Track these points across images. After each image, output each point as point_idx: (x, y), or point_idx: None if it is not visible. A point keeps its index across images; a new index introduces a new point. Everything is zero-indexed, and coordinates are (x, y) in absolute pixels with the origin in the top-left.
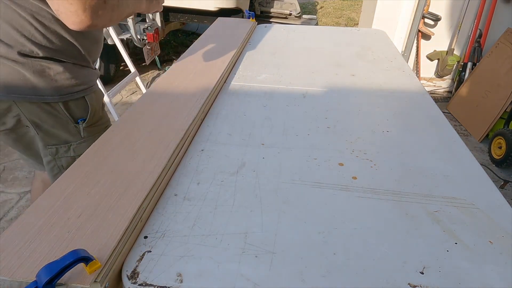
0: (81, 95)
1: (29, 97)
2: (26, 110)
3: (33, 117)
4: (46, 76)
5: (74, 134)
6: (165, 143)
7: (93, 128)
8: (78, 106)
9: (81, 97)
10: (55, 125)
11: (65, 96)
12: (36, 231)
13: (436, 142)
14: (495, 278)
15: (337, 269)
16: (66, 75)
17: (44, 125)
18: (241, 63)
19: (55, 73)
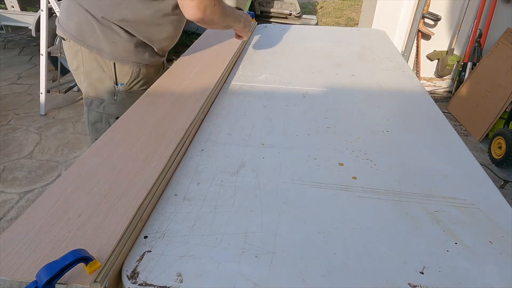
0: (129, 64)
1: (91, 47)
2: (86, 57)
3: (87, 65)
4: (111, 38)
5: (110, 94)
6: (165, 143)
7: (126, 97)
8: (123, 71)
9: (129, 66)
10: (99, 79)
11: (117, 59)
12: (36, 231)
13: (436, 142)
14: (495, 278)
15: (337, 269)
16: (127, 45)
17: (92, 75)
18: (241, 63)
19: (120, 39)
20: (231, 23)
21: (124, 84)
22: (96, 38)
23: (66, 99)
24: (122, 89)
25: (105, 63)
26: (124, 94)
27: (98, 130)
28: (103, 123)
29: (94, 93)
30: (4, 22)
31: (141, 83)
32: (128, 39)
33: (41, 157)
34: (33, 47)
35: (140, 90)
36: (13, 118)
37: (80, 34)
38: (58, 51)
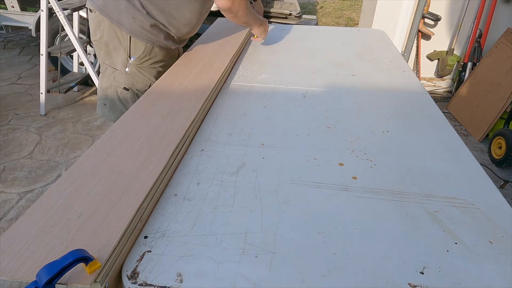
0: (144, 40)
1: (112, 19)
2: (106, 28)
3: (107, 35)
4: (132, 13)
5: (122, 64)
6: (165, 143)
7: (135, 70)
8: (137, 46)
9: (143, 42)
10: (116, 48)
11: (133, 33)
12: (36, 232)
13: (436, 142)
14: (495, 278)
15: (337, 269)
16: (145, 23)
17: (110, 44)
18: (241, 63)
19: (139, 16)
20: (250, 21)
21: (136, 58)
22: (119, 11)
23: (66, 99)
24: (134, 62)
25: (123, 35)
26: (134, 68)
27: (107, 96)
28: (112, 90)
29: (109, 61)
30: (4, 22)
31: (152, 61)
32: (147, 18)
33: (41, 157)
34: (33, 47)
35: (149, 67)
36: (13, 118)
37: (105, 6)
38: (58, 51)
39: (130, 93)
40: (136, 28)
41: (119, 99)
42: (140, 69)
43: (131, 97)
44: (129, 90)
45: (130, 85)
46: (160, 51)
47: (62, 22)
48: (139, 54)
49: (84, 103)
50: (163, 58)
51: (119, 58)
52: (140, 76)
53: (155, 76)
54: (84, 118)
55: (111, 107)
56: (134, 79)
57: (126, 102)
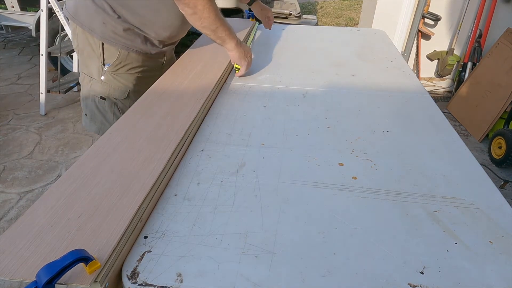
0: (117, 46)
1: (84, 26)
2: (79, 35)
3: (81, 43)
4: (102, 18)
5: (98, 72)
6: (165, 143)
7: (111, 78)
8: (111, 51)
9: (116, 48)
10: (90, 56)
11: (106, 39)
12: (36, 232)
13: (436, 142)
14: (495, 278)
15: (337, 269)
16: (117, 28)
17: (84, 52)
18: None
19: (110, 20)
20: (221, 32)
21: (110, 65)
22: (89, 17)
23: (66, 99)
24: (108, 69)
25: (95, 42)
26: (110, 75)
27: (87, 105)
28: (90, 100)
29: (86, 70)
30: (4, 22)
31: (128, 67)
32: (119, 22)
33: (41, 157)
34: (33, 47)
35: (126, 74)
36: (13, 118)
37: (76, 13)
38: (58, 51)
39: (107, 103)
40: (108, 34)
41: (98, 109)
42: (116, 76)
43: (109, 106)
44: (107, 99)
45: (107, 94)
46: (137, 56)
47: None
48: (113, 61)
49: None
50: (142, 63)
51: (94, 66)
52: (117, 84)
53: (133, 83)
54: None
55: (91, 117)
56: (111, 87)
57: (105, 112)
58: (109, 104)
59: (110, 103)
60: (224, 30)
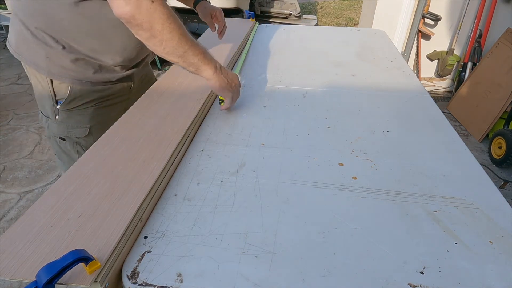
0: (67, 80)
1: (28, 62)
2: (28, 72)
3: (32, 81)
4: (45, 52)
5: (52, 111)
6: (165, 143)
7: (66, 117)
8: (61, 87)
9: (66, 83)
10: (41, 94)
11: (53, 75)
12: (36, 232)
13: (436, 142)
14: (495, 278)
15: (337, 269)
16: (63, 60)
17: (35, 90)
18: (241, 63)
19: (54, 53)
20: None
21: (62, 103)
22: (31, 51)
23: None
24: (62, 107)
25: (42, 79)
26: (64, 114)
27: (52, 146)
28: (52, 140)
29: (42, 109)
30: (4, 22)
31: (85, 102)
32: (65, 54)
33: (41, 157)
34: None
35: (84, 110)
36: (13, 118)
37: (17, 48)
38: None
39: (68, 143)
40: (54, 68)
41: (61, 150)
42: (71, 114)
43: (71, 146)
44: (67, 139)
45: (65, 134)
46: (94, 87)
47: None
48: (65, 98)
49: None
50: (102, 93)
51: (47, 105)
52: (74, 122)
53: (94, 118)
54: None
55: (59, 157)
56: (68, 125)
57: (69, 152)
58: (71, 144)
59: (72, 142)
60: (195, 54)
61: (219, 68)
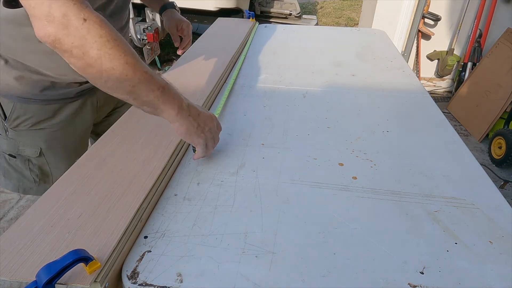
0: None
1: None
2: None
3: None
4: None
5: (1, 127)
6: (165, 143)
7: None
8: (6, 105)
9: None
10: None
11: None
12: (36, 232)
13: (436, 142)
14: (495, 278)
15: (337, 269)
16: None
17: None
18: (241, 63)
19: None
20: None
21: (7, 121)
22: None
23: None
24: (8, 125)
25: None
26: (13, 131)
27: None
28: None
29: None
30: None
31: (33, 122)
32: (7, 69)
33: None
34: None
35: (32, 131)
36: None
37: None
38: None
39: (20, 160)
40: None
41: (10, 166)
42: (21, 133)
43: (22, 164)
44: (17, 157)
45: (16, 152)
46: (45, 106)
47: None
48: (10, 116)
49: None
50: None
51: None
52: (24, 141)
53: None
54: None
55: (5, 174)
56: (19, 143)
57: (20, 169)
58: (22, 161)
59: (23, 160)
60: (150, 89)
61: (185, 108)
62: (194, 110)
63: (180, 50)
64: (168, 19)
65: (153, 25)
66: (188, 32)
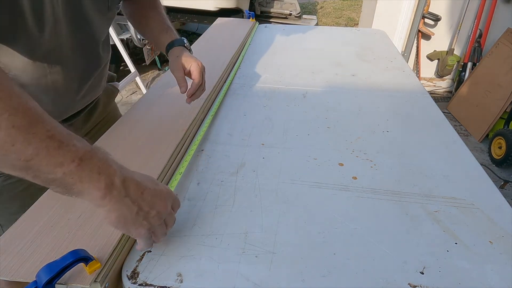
0: None
1: None
2: None
3: None
4: None
5: None
6: (165, 143)
7: None
8: None
9: None
10: None
11: None
12: (36, 232)
13: (436, 142)
14: (495, 278)
15: (337, 269)
16: None
17: None
18: (241, 63)
19: None
20: (37, 157)
21: None
22: None
23: None
24: None
25: None
26: None
27: None
28: None
29: None
30: None
31: None
32: None
33: None
34: None
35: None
36: None
37: None
38: None
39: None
40: None
41: None
42: None
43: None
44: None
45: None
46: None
47: None
48: None
49: None
50: None
51: None
52: None
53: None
54: None
55: None
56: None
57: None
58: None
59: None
60: (57, 163)
61: (119, 186)
62: (134, 187)
63: (188, 99)
64: (174, 60)
65: None
66: (197, 74)
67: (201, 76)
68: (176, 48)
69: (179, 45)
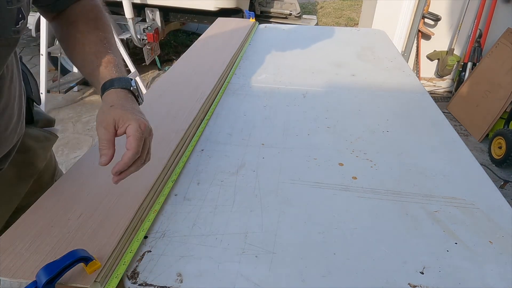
0: None
1: None
2: None
3: None
4: None
5: None
6: (165, 143)
7: None
8: None
9: None
10: None
11: None
12: (36, 232)
13: (436, 142)
14: (495, 278)
15: (337, 269)
16: None
17: None
18: (241, 63)
19: None
20: None
21: None
22: None
23: (66, 99)
24: None
25: None
26: None
27: None
28: None
29: None
30: None
31: None
32: None
33: None
34: (33, 47)
35: None
36: None
37: None
38: (58, 51)
39: None
40: None
41: None
42: None
43: None
44: None
45: None
46: None
47: None
48: None
49: (84, 103)
50: None
51: None
52: None
53: None
54: (84, 118)
55: None
56: None
57: None
58: None
59: None
60: None
61: None
62: None
63: (115, 177)
64: (106, 111)
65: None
66: (133, 143)
67: (139, 146)
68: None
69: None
